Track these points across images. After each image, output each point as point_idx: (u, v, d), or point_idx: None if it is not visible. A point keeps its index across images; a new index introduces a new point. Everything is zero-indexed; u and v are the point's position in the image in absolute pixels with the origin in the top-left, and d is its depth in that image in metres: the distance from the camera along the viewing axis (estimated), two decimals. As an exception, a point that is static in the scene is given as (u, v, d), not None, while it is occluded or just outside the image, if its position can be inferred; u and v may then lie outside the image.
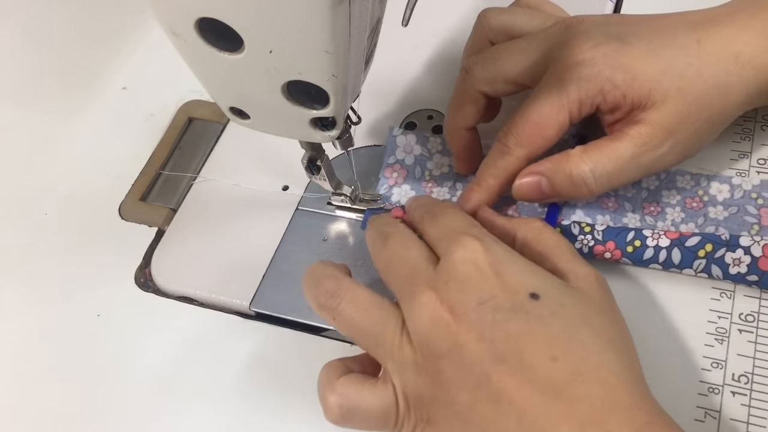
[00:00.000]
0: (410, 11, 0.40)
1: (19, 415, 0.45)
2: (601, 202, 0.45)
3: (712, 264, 0.42)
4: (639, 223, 0.44)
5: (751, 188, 0.44)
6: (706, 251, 0.42)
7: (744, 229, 0.43)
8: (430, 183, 0.49)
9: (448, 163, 0.50)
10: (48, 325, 0.49)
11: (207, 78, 0.38)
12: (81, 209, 0.54)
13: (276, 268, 0.48)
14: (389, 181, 0.49)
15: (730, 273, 0.41)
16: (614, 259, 0.43)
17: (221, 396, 0.44)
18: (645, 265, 0.43)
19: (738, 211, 0.44)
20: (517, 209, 0.46)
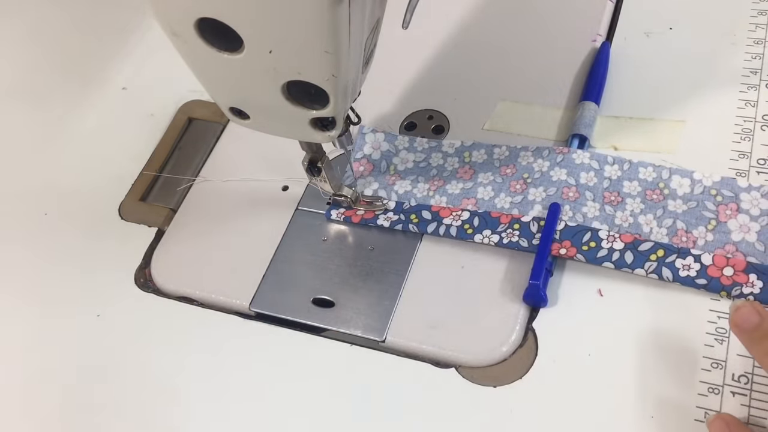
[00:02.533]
0: (410, 14, 0.40)
1: (19, 414, 0.45)
2: (562, 193, 0.46)
3: (663, 267, 0.43)
4: (598, 213, 0.45)
5: (711, 184, 0.45)
6: (658, 256, 0.43)
7: (701, 223, 0.44)
8: (393, 176, 0.51)
9: (413, 159, 0.51)
10: (48, 325, 0.49)
11: (207, 78, 0.38)
12: (81, 209, 0.54)
13: (276, 268, 0.48)
14: (355, 174, 0.51)
15: (680, 276, 0.42)
16: (568, 256, 0.44)
17: (221, 396, 0.44)
18: (598, 263, 0.44)
19: (697, 206, 0.45)
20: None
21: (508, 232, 0.46)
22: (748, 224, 0.43)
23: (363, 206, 0.49)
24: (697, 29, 0.54)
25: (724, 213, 0.44)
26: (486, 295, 0.45)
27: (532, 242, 0.45)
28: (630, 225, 0.45)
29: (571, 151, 0.48)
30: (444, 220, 0.47)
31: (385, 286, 0.46)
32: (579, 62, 0.54)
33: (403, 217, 0.48)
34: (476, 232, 0.46)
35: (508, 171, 0.49)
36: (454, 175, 0.49)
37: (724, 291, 0.42)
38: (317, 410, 0.43)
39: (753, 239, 0.43)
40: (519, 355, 0.43)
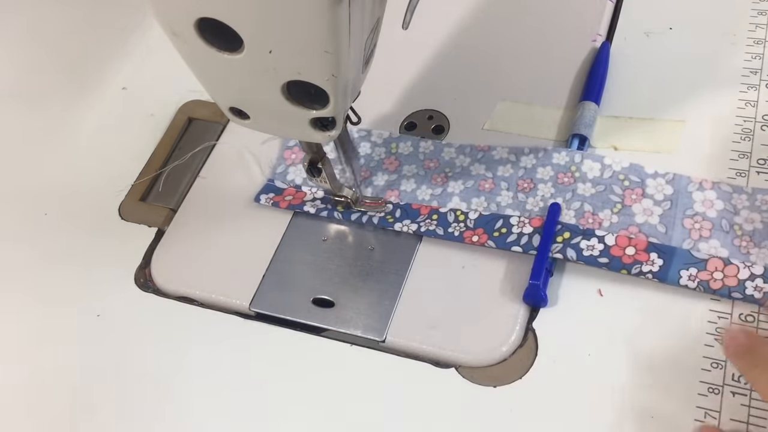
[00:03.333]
0: (410, 15, 0.40)
1: (19, 414, 0.45)
2: (479, 185, 0.48)
3: (567, 248, 0.44)
4: (511, 200, 0.47)
5: (620, 170, 0.47)
6: (564, 238, 0.45)
7: (607, 206, 0.45)
8: None
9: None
10: (48, 325, 0.49)
11: (207, 78, 0.38)
12: (81, 209, 0.54)
13: (276, 268, 0.48)
14: (287, 162, 0.52)
15: (584, 255, 0.44)
16: (480, 243, 0.46)
17: (221, 396, 0.44)
18: (507, 247, 0.45)
19: (605, 190, 0.46)
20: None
21: (426, 222, 0.47)
22: (651, 208, 0.45)
23: (364, 207, 0.49)
24: (697, 29, 0.54)
25: (630, 197, 0.46)
26: (486, 295, 0.45)
27: (448, 231, 0.47)
28: (540, 209, 0.46)
29: (491, 148, 0.50)
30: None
31: (385, 286, 0.46)
32: (579, 62, 0.54)
33: (330, 206, 0.49)
34: (396, 221, 0.48)
35: (431, 165, 0.50)
36: (381, 166, 0.51)
37: (625, 269, 0.43)
38: (317, 410, 0.43)
39: (655, 222, 0.45)
40: (519, 355, 0.43)
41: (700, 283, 0.42)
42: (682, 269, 0.43)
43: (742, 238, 0.43)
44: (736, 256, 0.43)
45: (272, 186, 0.52)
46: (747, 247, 0.43)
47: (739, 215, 0.44)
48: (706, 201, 0.45)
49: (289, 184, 0.51)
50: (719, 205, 0.45)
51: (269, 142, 0.53)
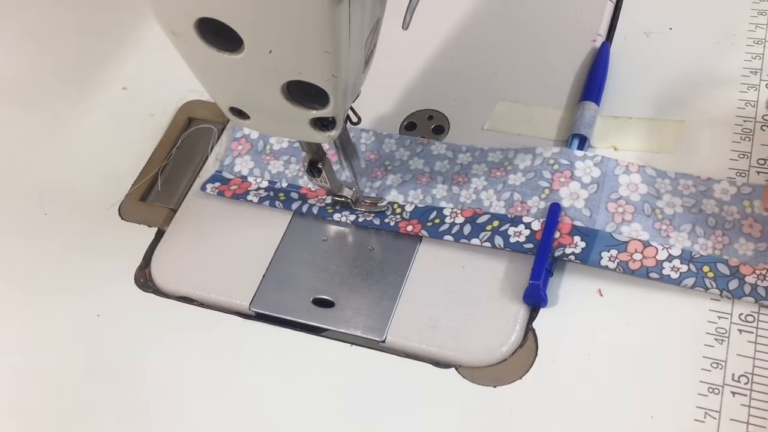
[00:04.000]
0: (410, 15, 0.40)
1: (19, 414, 0.45)
2: (417, 179, 0.50)
3: (496, 235, 0.46)
4: (446, 193, 0.49)
5: (550, 155, 0.48)
6: (493, 226, 0.46)
7: (536, 193, 0.47)
8: (269, 156, 0.53)
9: (287, 139, 0.53)
10: (48, 326, 0.49)
11: (207, 78, 0.38)
12: (81, 209, 0.54)
13: (276, 268, 0.48)
14: (234, 153, 0.53)
15: (510, 242, 0.45)
16: (414, 232, 0.47)
17: (221, 396, 0.44)
18: (440, 236, 0.47)
19: (534, 176, 0.47)
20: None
21: (365, 213, 0.48)
22: (578, 192, 0.46)
23: (364, 207, 0.49)
24: (697, 29, 0.54)
25: (558, 181, 0.47)
26: (486, 295, 0.45)
27: (384, 221, 0.48)
28: (472, 201, 0.48)
29: (430, 142, 0.51)
30: (309, 200, 0.50)
31: (385, 286, 0.46)
32: (579, 62, 0.54)
33: (272, 194, 0.51)
34: (336, 212, 0.49)
35: (372, 157, 0.51)
36: None
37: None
38: (317, 410, 0.43)
39: (581, 206, 0.46)
40: (519, 355, 0.43)
41: (619, 263, 0.43)
42: (603, 251, 0.44)
43: (663, 221, 0.45)
44: (656, 238, 0.44)
45: (219, 176, 0.53)
46: (667, 230, 0.45)
47: (661, 199, 0.46)
48: (631, 185, 0.46)
49: (236, 175, 0.53)
50: (643, 189, 0.46)
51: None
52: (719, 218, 0.45)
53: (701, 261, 0.43)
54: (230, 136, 0.54)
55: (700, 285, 0.42)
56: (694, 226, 0.44)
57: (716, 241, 0.44)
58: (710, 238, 0.44)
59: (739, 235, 0.44)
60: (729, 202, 0.45)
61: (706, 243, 0.44)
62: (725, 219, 0.45)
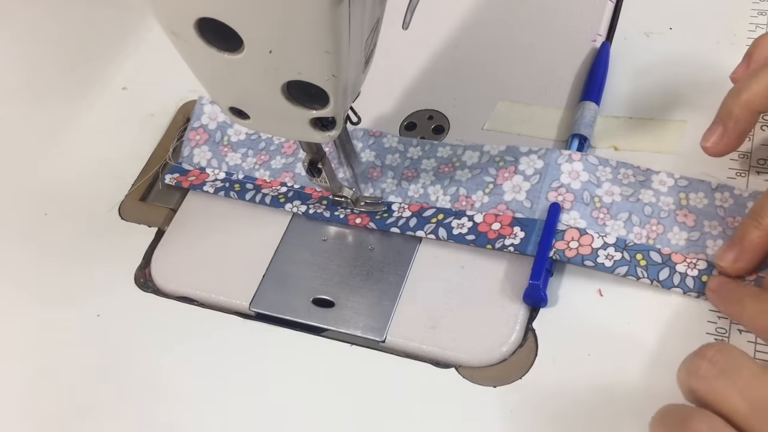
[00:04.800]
0: (411, 15, 0.40)
1: (19, 414, 0.45)
2: (368, 173, 0.51)
3: (440, 227, 0.47)
4: (395, 187, 0.50)
5: (496, 153, 0.49)
6: (438, 219, 0.47)
7: (480, 188, 0.48)
8: (226, 147, 0.54)
9: (245, 131, 0.54)
10: (48, 325, 0.49)
11: (207, 78, 0.38)
12: (81, 209, 0.54)
13: (276, 268, 0.48)
14: (191, 143, 0.54)
15: (453, 234, 0.46)
16: (362, 224, 0.48)
17: (221, 395, 0.44)
18: (387, 228, 0.48)
19: (480, 173, 0.49)
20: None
21: (315, 205, 0.49)
22: (520, 184, 0.47)
23: (364, 207, 0.49)
24: (697, 29, 0.54)
25: (502, 176, 0.48)
26: (486, 295, 0.45)
27: (334, 213, 0.49)
28: (420, 196, 0.49)
29: (382, 134, 0.52)
30: (263, 190, 0.51)
31: (385, 286, 0.46)
32: (579, 62, 0.54)
33: (228, 185, 0.51)
34: (288, 201, 0.50)
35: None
36: (280, 150, 0.53)
37: (490, 244, 0.45)
38: (317, 410, 0.43)
39: (522, 198, 0.46)
40: (519, 355, 0.43)
41: (556, 251, 0.44)
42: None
43: (600, 209, 0.45)
44: (593, 226, 0.45)
45: (179, 167, 0.54)
46: (603, 219, 0.45)
47: (601, 187, 0.46)
48: (573, 172, 0.47)
49: (195, 167, 0.53)
50: (584, 176, 0.46)
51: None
52: (656, 207, 0.45)
53: (635, 249, 0.44)
54: (189, 125, 0.55)
55: (632, 273, 0.43)
56: (631, 215, 0.45)
57: (651, 230, 0.44)
58: (645, 227, 0.45)
59: (673, 224, 0.44)
60: (666, 192, 0.46)
61: (641, 232, 0.44)
62: (661, 209, 0.45)
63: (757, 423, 0.31)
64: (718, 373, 0.33)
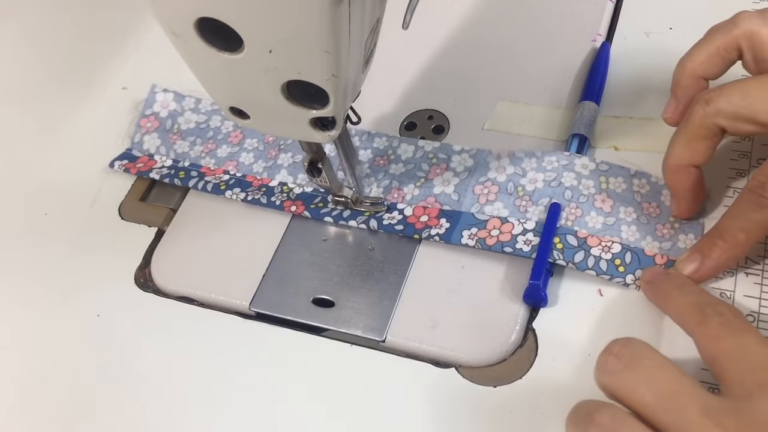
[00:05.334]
0: (410, 15, 0.40)
1: (18, 414, 0.46)
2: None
3: (371, 219, 0.48)
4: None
5: (430, 149, 0.50)
6: (370, 212, 0.48)
7: (412, 182, 0.49)
8: (176, 135, 0.55)
9: (195, 120, 0.55)
10: (48, 325, 0.49)
11: (207, 78, 0.38)
12: (81, 209, 0.54)
13: (276, 268, 0.48)
14: (142, 130, 0.55)
15: (383, 224, 0.48)
16: (298, 212, 0.49)
17: (221, 396, 0.44)
18: (321, 217, 0.49)
19: (413, 168, 0.50)
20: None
21: (254, 191, 0.50)
22: (450, 179, 0.49)
23: (364, 207, 0.49)
24: (697, 29, 0.54)
25: (434, 172, 0.49)
26: (486, 295, 0.45)
27: (271, 199, 0.50)
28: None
29: None
30: (206, 177, 0.52)
31: (385, 286, 0.46)
32: (579, 62, 0.54)
33: (173, 172, 0.53)
34: (228, 189, 0.51)
35: (270, 139, 0.53)
36: (226, 139, 0.54)
37: (417, 234, 0.47)
38: (317, 410, 0.43)
39: (450, 191, 0.48)
40: (519, 355, 0.43)
41: (478, 240, 0.45)
42: (464, 230, 0.46)
43: (523, 197, 0.46)
44: (515, 214, 0.46)
45: (129, 154, 0.55)
46: (526, 206, 0.46)
47: (525, 177, 0.47)
48: (500, 167, 0.48)
49: (144, 153, 0.55)
50: (510, 169, 0.48)
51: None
52: (576, 191, 0.46)
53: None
54: (141, 112, 0.56)
55: (561, 259, 0.44)
56: (551, 199, 0.46)
57: (570, 213, 0.45)
58: (565, 210, 0.45)
59: (591, 208, 0.45)
60: (587, 176, 0.47)
61: (561, 215, 0.45)
62: (581, 192, 0.46)
63: (662, 413, 0.33)
64: (624, 367, 0.34)
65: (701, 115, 0.41)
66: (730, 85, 0.41)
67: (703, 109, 0.41)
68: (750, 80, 0.41)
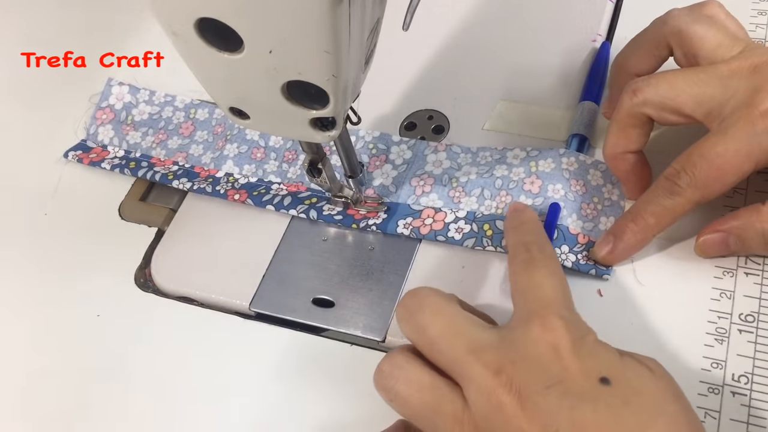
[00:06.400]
0: (411, 16, 0.40)
1: (19, 414, 0.46)
2: (252, 153, 0.53)
3: (311, 209, 0.49)
4: (276, 168, 0.52)
5: (370, 139, 0.52)
6: (311, 202, 0.50)
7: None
8: (129, 127, 0.56)
9: (149, 111, 0.57)
10: (48, 325, 0.49)
11: (207, 78, 0.38)
12: (81, 209, 0.54)
13: (276, 268, 0.48)
14: (97, 122, 0.57)
15: (323, 215, 0.49)
16: (241, 200, 0.50)
17: (221, 396, 0.44)
18: (263, 205, 0.50)
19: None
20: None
21: (200, 181, 0.52)
22: (389, 172, 0.50)
23: (364, 207, 0.49)
24: (697, 29, 0.54)
25: (374, 164, 0.51)
26: (486, 295, 0.45)
27: (215, 188, 0.51)
28: (297, 176, 0.51)
29: None
30: (155, 167, 0.53)
31: (385, 286, 0.46)
32: (579, 62, 0.54)
33: (124, 162, 0.54)
34: (176, 179, 0.52)
35: (219, 130, 0.55)
36: (177, 131, 0.55)
37: (355, 224, 0.48)
38: (317, 410, 0.43)
39: (389, 183, 0.50)
40: (519, 355, 0.43)
41: (412, 229, 0.47)
42: (400, 220, 0.48)
43: (456, 188, 0.48)
44: (448, 204, 0.48)
45: (83, 145, 0.56)
46: (459, 197, 0.48)
47: (460, 170, 0.49)
48: (437, 161, 0.50)
49: (98, 144, 0.56)
50: (447, 164, 0.50)
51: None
52: (506, 179, 0.47)
53: (483, 220, 0.46)
54: (96, 105, 0.57)
55: (479, 245, 0.45)
56: (483, 190, 0.47)
57: (500, 201, 0.47)
58: (495, 199, 0.46)
59: (520, 192, 0.46)
60: (518, 164, 0.48)
61: (491, 203, 0.46)
62: (511, 179, 0.47)
63: (437, 353, 0.36)
64: (409, 315, 0.37)
65: (629, 105, 0.43)
66: (658, 76, 0.43)
67: (630, 100, 0.43)
68: (677, 72, 0.43)
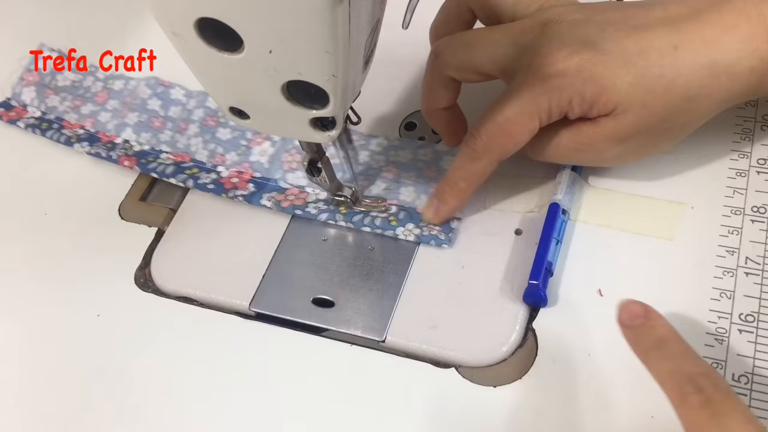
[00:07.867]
0: (410, 14, 0.40)
1: (19, 414, 0.46)
2: (151, 122, 0.55)
3: (189, 179, 0.51)
4: (169, 138, 0.54)
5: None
6: (193, 172, 0.52)
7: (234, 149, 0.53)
8: (51, 90, 0.58)
9: (72, 78, 0.59)
10: (48, 325, 0.49)
11: (207, 78, 0.38)
12: (81, 209, 0.54)
13: (276, 268, 0.48)
14: (23, 83, 0.58)
15: (198, 183, 0.51)
16: (129, 166, 0.52)
17: (221, 396, 0.44)
18: (148, 172, 0.52)
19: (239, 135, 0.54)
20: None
21: (99, 146, 0.54)
22: (266, 150, 0.53)
23: (364, 206, 0.49)
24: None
25: (255, 141, 0.53)
26: (486, 295, 0.45)
27: (110, 153, 0.53)
28: (184, 146, 0.54)
29: (170, 86, 0.57)
30: (63, 130, 0.55)
31: (385, 286, 0.46)
32: (579, 62, 0.54)
33: (38, 123, 0.56)
34: (78, 142, 0.54)
35: (128, 99, 0.57)
36: (93, 99, 0.57)
37: (224, 193, 0.51)
38: (317, 410, 0.43)
39: (264, 160, 0.52)
40: (519, 355, 0.43)
41: (274, 202, 0.50)
42: (265, 193, 0.50)
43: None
44: (312, 186, 0.50)
45: (6, 103, 0.58)
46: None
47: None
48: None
49: (20, 104, 0.57)
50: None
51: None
52: (366, 166, 0.51)
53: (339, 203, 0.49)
54: (25, 66, 0.58)
55: (331, 219, 0.48)
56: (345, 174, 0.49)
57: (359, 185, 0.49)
58: (353, 184, 0.49)
59: (377, 177, 0.50)
60: (379, 153, 0.51)
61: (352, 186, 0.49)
62: (371, 166, 0.51)
63: None
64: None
65: (432, 68, 0.46)
66: (457, 38, 0.46)
67: (432, 63, 0.46)
68: (476, 33, 0.45)
